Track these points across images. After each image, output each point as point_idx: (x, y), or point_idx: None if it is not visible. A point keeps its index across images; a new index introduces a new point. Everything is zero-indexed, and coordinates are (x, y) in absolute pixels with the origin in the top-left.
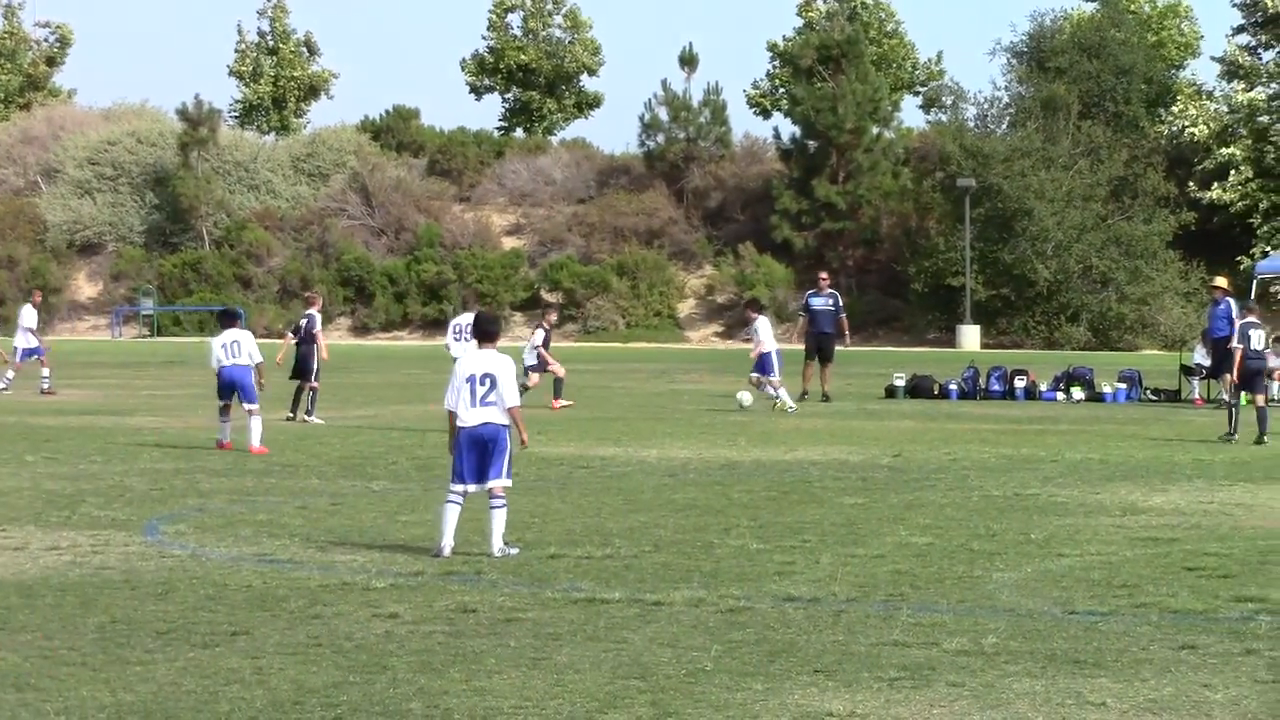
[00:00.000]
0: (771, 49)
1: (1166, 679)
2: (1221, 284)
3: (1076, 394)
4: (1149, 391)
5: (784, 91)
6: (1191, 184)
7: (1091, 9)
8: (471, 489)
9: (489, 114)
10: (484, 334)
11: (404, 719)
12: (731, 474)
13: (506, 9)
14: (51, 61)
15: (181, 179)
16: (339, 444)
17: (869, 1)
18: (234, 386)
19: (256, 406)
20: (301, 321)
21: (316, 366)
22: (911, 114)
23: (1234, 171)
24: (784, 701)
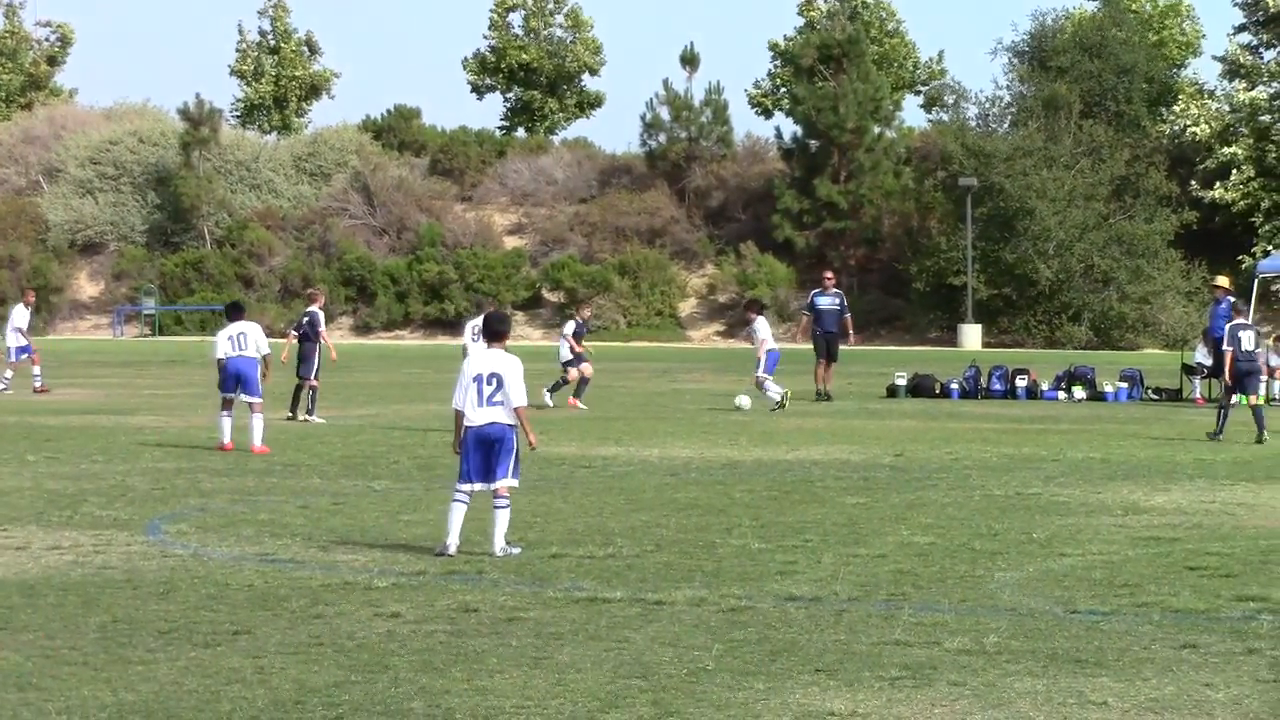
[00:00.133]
0: (773, 48)
1: (1168, 678)
2: (1223, 283)
3: (1078, 393)
4: (1150, 391)
5: (785, 91)
6: (1193, 183)
7: (1093, 8)
8: (478, 488)
9: (490, 113)
10: (493, 333)
11: (406, 718)
12: (733, 473)
13: (508, 8)
14: (53, 61)
15: (183, 178)
16: (341, 443)
17: (870, 1)
18: (238, 379)
19: (259, 402)
20: (303, 319)
21: (317, 365)
22: (913, 113)
23: (1235, 171)
24: (785, 701)
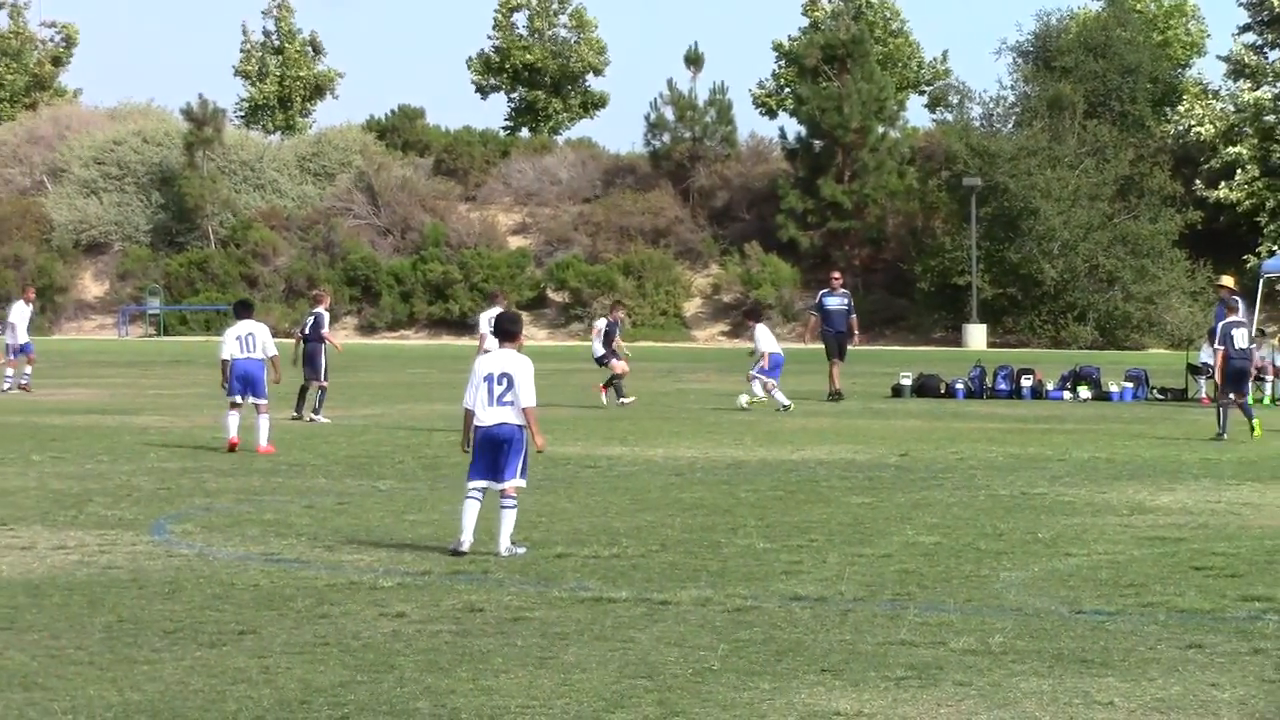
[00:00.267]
0: (777, 49)
1: (1174, 678)
2: (1228, 283)
3: (1083, 393)
4: (1156, 390)
5: (789, 91)
6: (1198, 183)
7: (1097, 8)
8: (486, 485)
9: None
10: (505, 333)
11: (411, 718)
12: (738, 473)
13: (512, 8)
14: (57, 61)
15: (187, 178)
16: (346, 443)
17: (874, 1)
18: (247, 381)
19: (266, 403)
20: (308, 320)
21: (325, 365)
22: (917, 113)
23: (1240, 170)
24: (791, 701)
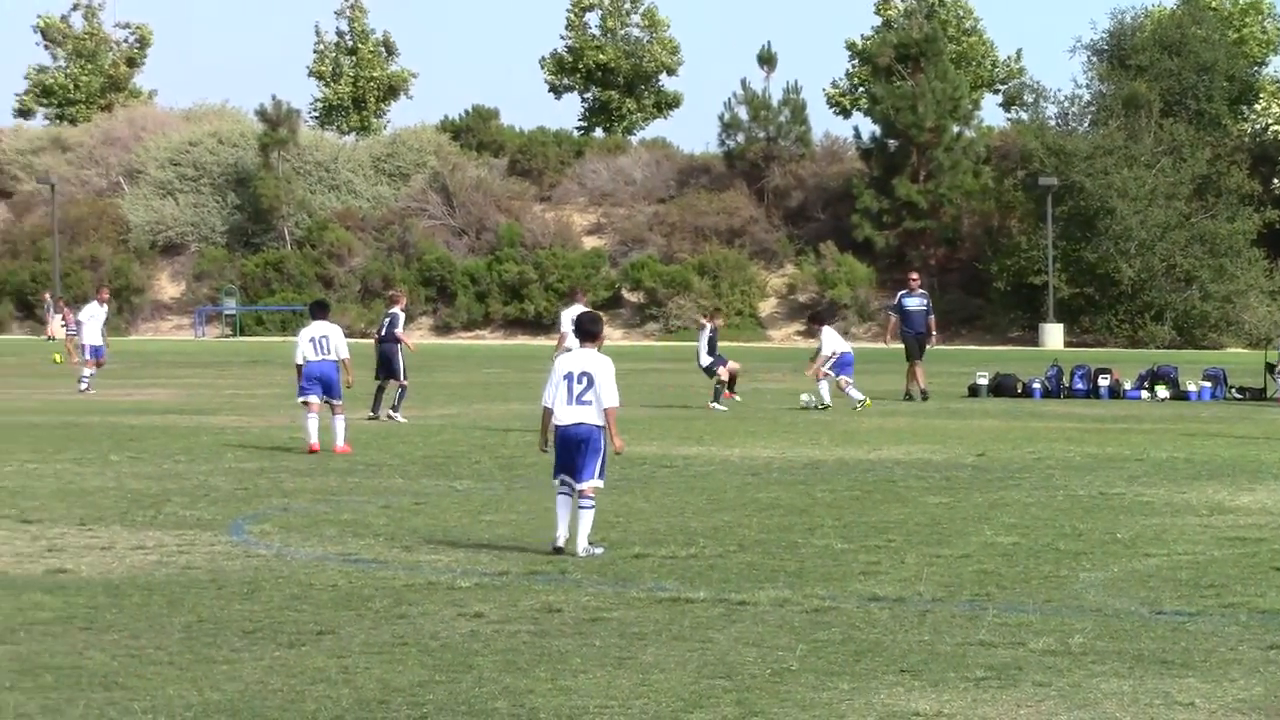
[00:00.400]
0: (850, 48)
1: (1255, 679)
2: None
3: (1161, 392)
4: (1234, 390)
5: (863, 90)
6: (1275, 182)
7: (1172, 6)
8: (569, 480)
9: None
10: (586, 334)
11: (490, 718)
12: (815, 473)
13: (585, 8)
14: (132, 62)
15: (262, 179)
16: (422, 443)
17: (947, 0)
18: (323, 382)
19: (341, 404)
20: (385, 320)
21: (404, 364)
22: (992, 112)
23: None
24: (870, 701)
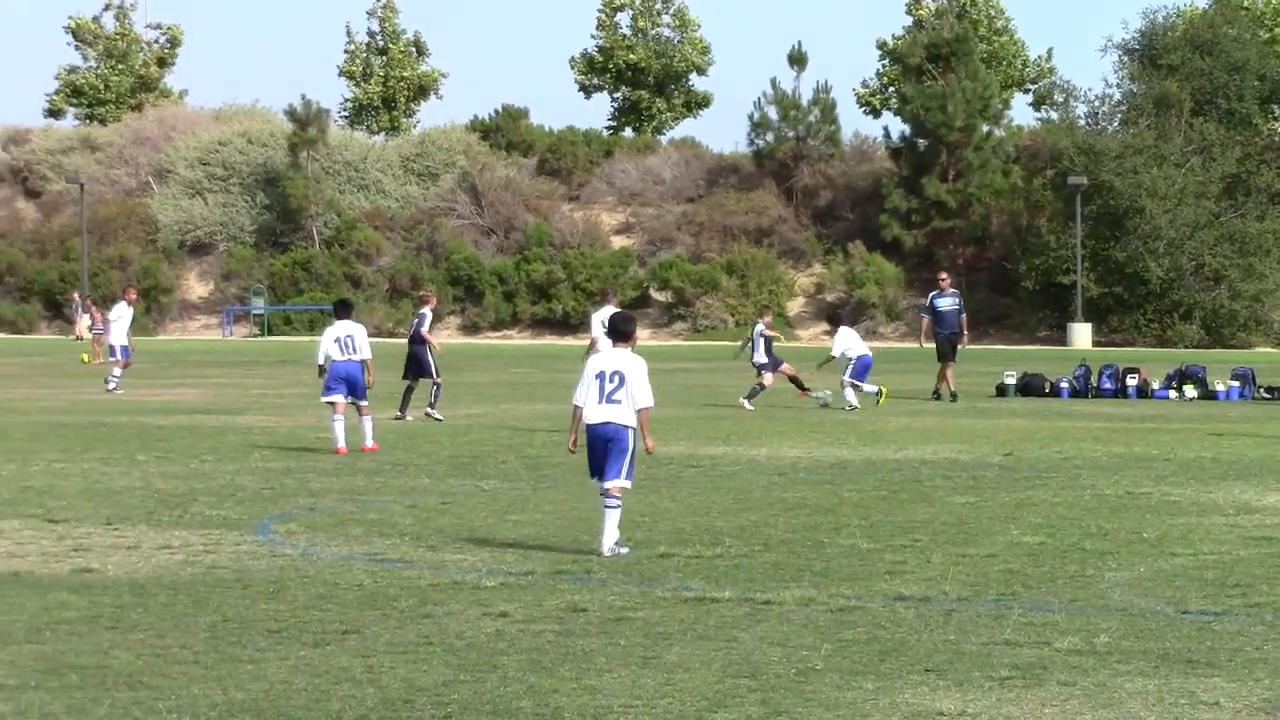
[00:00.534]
0: (880, 47)
1: None
2: None
3: (1189, 392)
4: (1262, 390)
5: (893, 90)
6: None
7: (1204, 5)
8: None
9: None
10: (619, 333)
11: (514, 717)
12: (841, 473)
13: (615, 8)
14: (162, 62)
15: (291, 179)
16: (449, 443)
17: None
18: (349, 382)
19: (367, 404)
20: (415, 320)
21: (435, 363)
22: (1022, 112)
23: None
24: (895, 701)
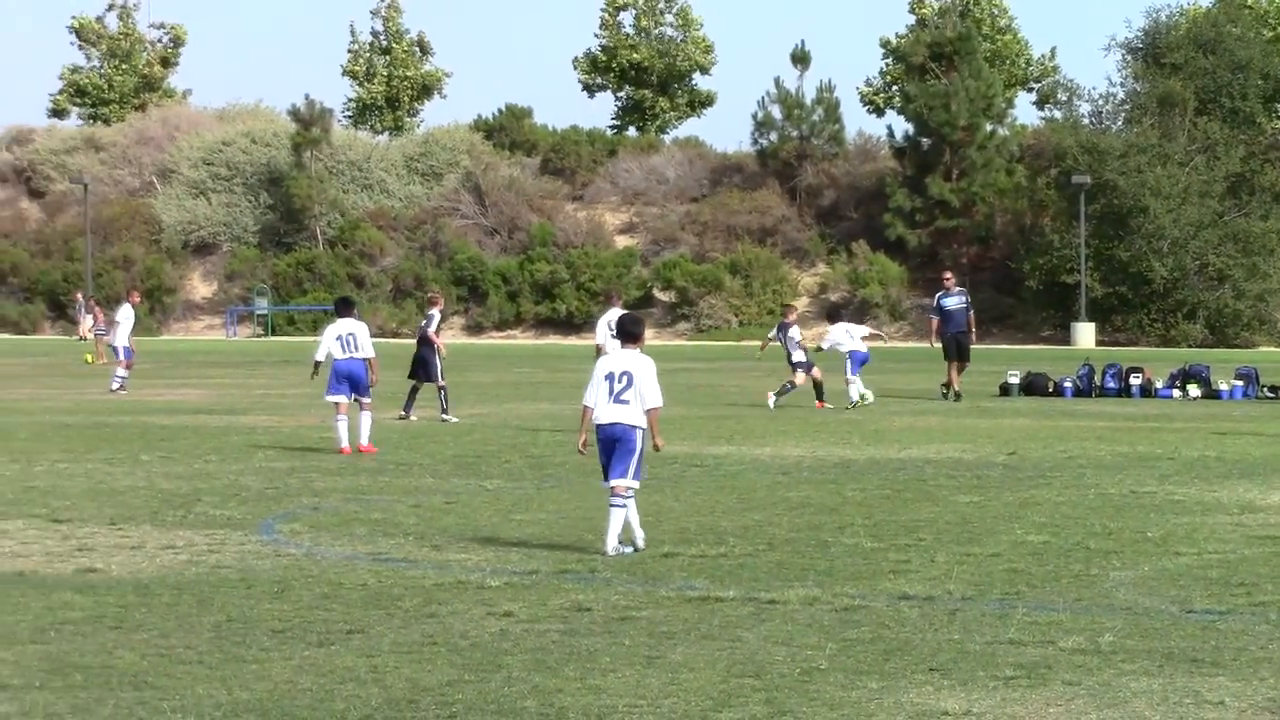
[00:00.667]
0: (884, 46)
1: None
2: None
3: (1193, 391)
4: (1266, 389)
5: (897, 89)
6: None
7: (1208, 5)
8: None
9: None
10: (628, 335)
11: (519, 717)
12: (845, 472)
13: (618, 8)
14: (166, 62)
15: (295, 179)
16: (453, 442)
17: None
18: (352, 380)
19: (369, 402)
20: (422, 321)
21: (440, 366)
22: (1025, 111)
23: None
24: (899, 700)
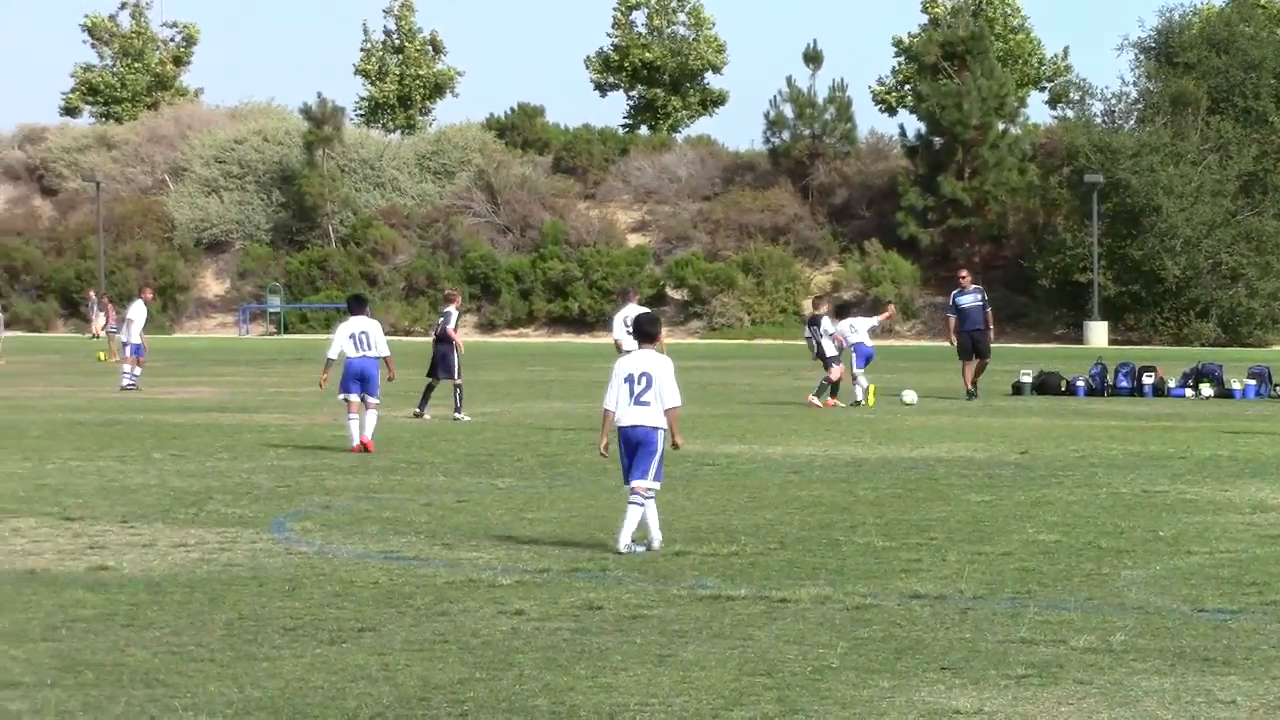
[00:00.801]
0: (896, 45)
1: None
2: None
3: (1205, 391)
4: (1278, 388)
5: (909, 88)
6: None
7: (1220, 4)
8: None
9: (614, 111)
10: (644, 334)
11: (530, 715)
12: (857, 471)
13: (631, 7)
14: (178, 61)
15: (307, 177)
16: (465, 440)
17: None
18: (363, 379)
19: (376, 401)
20: (439, 319)
21: (458, 363)
22: (1038, 110)
23: None
24: (910, 699)
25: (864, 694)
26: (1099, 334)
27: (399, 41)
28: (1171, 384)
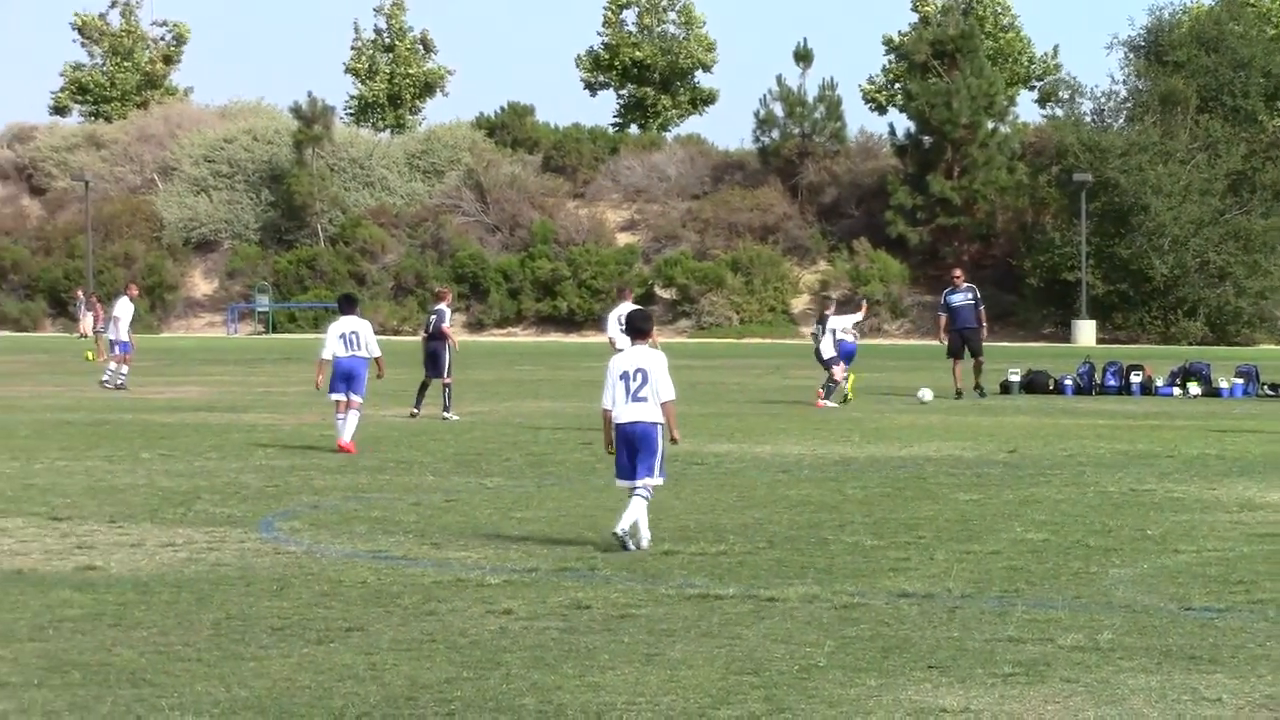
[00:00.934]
0: (886, 44)
1: None
2: None
3: (1193, 389)
4: (1266, 387)
5: (899, 87)
6: None
7: (1210, 2)
8: (628, 484)
9: (604, 110)
10: (637, 331)
11: (517, 715)
12: (845, 470)
13: (621, 5)
14: (168, 60)
15: (296, 176)
16: (453, 440)
17: None
18: (349, 378)
19: (361, 401)
20: (431, 317)
21: (450, 361)
22: (1027, 109)
23: None
24: (898, 697)
25: (851, 692)
26: (1087, 333)
27: (389, 40)
28: (1159, 383)
